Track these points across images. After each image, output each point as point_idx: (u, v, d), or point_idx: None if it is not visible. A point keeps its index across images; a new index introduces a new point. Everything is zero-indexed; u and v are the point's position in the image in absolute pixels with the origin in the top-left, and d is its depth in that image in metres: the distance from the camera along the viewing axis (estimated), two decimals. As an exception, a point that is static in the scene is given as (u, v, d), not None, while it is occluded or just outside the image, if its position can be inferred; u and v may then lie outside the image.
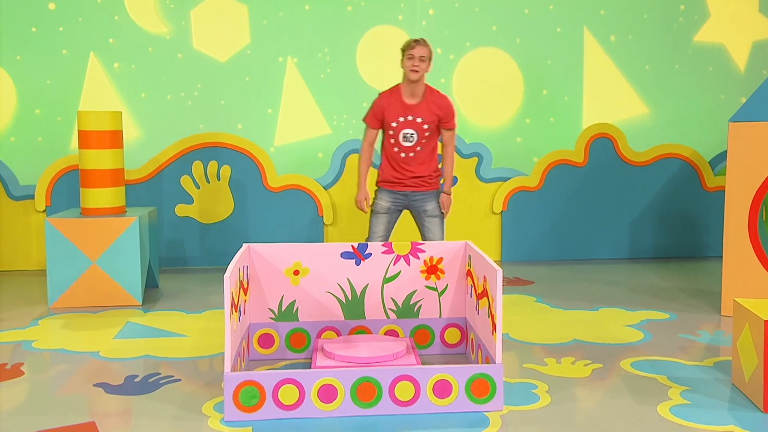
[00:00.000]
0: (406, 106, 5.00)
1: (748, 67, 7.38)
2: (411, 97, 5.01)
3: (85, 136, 5.67)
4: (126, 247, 5.57)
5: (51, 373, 4.23)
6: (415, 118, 4.99)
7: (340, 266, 4.36)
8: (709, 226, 7.23)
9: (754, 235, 5.18)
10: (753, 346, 3.73)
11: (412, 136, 5.01)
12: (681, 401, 3.74)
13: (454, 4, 7.08)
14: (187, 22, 6.92)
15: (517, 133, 7.16)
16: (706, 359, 4.38)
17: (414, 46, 4.90)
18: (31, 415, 3.60)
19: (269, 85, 7.03)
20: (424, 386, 3.54)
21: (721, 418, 3.55)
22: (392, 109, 5.02)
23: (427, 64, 4.94)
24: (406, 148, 5.04)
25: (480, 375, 3.57)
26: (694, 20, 7.28)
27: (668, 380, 4.03)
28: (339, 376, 3.52)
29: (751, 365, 3.75)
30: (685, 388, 3.91)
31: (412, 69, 4.90)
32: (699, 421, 3.51)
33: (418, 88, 5.00)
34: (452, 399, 3.55)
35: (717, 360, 4.37)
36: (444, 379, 3.55)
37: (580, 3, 7.13)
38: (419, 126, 5.00)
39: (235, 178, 6.91)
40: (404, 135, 5.01)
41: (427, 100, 5.01)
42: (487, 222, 7.16)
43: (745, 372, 3.82)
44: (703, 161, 7.26)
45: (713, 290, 5.90)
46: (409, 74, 4.93)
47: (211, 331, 4.97)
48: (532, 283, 6.31)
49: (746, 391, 3.81)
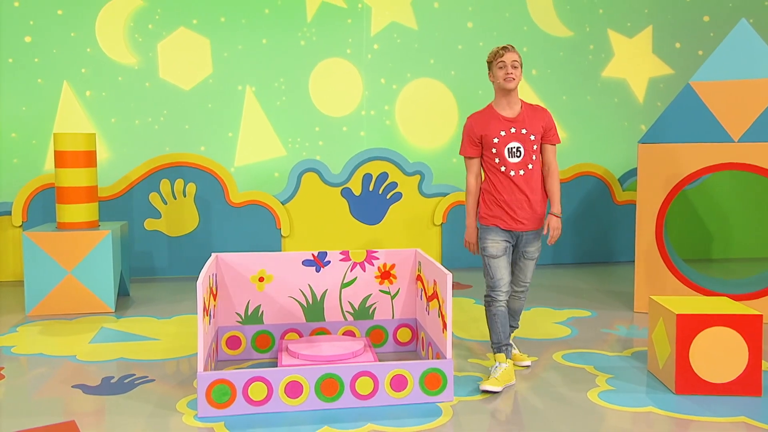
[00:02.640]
0: (506, 119, 3.84)
1: (645, 98, 7.55)
2: (508, 109, 3.87)
3: (61, 156, 5.45)
4: (100, 258, 5.37)
5: (30, 376, 4.01)
6: (519, 130, 3.82)
7: (302, 273, 4.27)
8: (619, 234, 7.37)
9: (661, 242, 5.27)
10: (666, 338, 3.77)
11: (518, 150, 3.81)
12: (607, 387, 3.76)
13: (396, 40, 7.07)
14: (154, 54, 6.74)
15: (452, 153, 7.16)
16: (624, 350, 4.43)
17: (503, 54, 3.81)
18: (13, 416, 3.41)
19: (229, 111, 6.89)
20: (382, 381, 3.47)
21: (641, 400, 3.59)
22: (490, 125, 3.84)
23: (520, 71, 3.86)
24: (513, 165, 3.81)
25: (432, 369, 3.52)
26: (602, 58, 7.42)
27: (595, 369, 4.06)
28: (304, 373, 3.43)
29: (665, 354, 3.80)
30: (609, 376, 3.94)
31: (506, 77, 3.78)
32: (623, 404, 3.54)
33: (514, 99, 3.87)
34: (407, 392, 3.50)
35: (634, 350, 4.41)
36: (400, 374, 3.49)
37: (505, 41, 7.14)
38: (525, 138, 3.82)
39: (200, 195, 6.74)
40: (509, 150, 3.81)
41: (527, 111, 3.89)
42: (429, 232, 7.14)
43: (659, 360, 3.87)
44: (613, 178, 7.40)
45: (626, 290, 5.99)
46: (504, 83, 3.79)
47: (180, 335, 4.80)
48: (470, 286, 6.30)
49: (660, 376, 3.86)
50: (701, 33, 7.56)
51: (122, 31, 6.66)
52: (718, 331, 3.64)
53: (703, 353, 3.64)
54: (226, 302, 4.24)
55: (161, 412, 3.46)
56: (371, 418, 3.34)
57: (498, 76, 3.80)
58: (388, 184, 7.00)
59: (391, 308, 4.38)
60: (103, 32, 6.63)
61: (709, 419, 3.35)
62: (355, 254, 4.30)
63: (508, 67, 3.77)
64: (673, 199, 5.19)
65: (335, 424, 3.27)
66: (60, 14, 6.54)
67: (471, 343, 4.59)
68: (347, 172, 6.94)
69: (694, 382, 3.65)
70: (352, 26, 7.00)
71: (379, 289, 4.35)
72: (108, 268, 5.39)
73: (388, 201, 7.02)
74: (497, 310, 3.84)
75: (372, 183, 6.98)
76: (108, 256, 5.39)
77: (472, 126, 3.89)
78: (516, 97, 3.88)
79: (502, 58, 3.78)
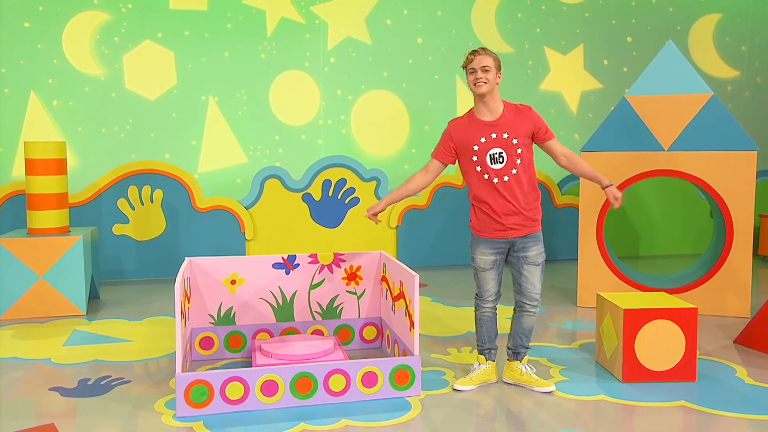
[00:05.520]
0: (487, 124, 3.47)
1: (578, 110, 7.66)
2: (488, 114, 3.48)
3: (32, 163, 5.18)
4: (71, 262, 5.13)
5: (5, 379, 3.79)
6: (500, 134, 3.44)
7: (272, 275, 4.15)
8: (559, 235, 7.44)
9: (601, 242, 5.33)
10: (614, 330, 3.80)
11: (501, 155, 3.44)
12: (561, 378, 3.77)
13: (352, 54, 6.99)
14: (120, 66, 6.49)
15: (405, 160, 7.12)
16: (573, 342, 4.45)
17: (472, 59, 3.43)
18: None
19: (193, 120, 6.69)
20: (354, 378, 3.40)
21: (593, 389, 3.61)
22: (470, 131, 3.48)
23: (495, 73, 3.43)
24: (496, 172, 3.45)
25: (401, 366, 3.46)
26: (539, 73, 7.50)
27: (548, 361, 4.06)
28: (279, 372, 3.33)
29: (612, 345, 3.83)
30: (562, 367, 3.95)
31: (476, 82, 3.41)
32: (578, 393, 3.55)
33: (493, 103, 3.47)
34: (378, 388, 3.43)
35: (581, 343, 4.44)
36: (371, 371, 3.42)
37: (452, 56, 7.18)
38: (507, 143, 3.44)
39: (167, 200, 6.51)
40: (491, 156, 3.44)
41: (509, 113, 3.49)
42: (385, 235, 7.07)
43: (607, 351, 3.89)
44: (553, 183, 7.47)
45: (568, 287, 6.03)
46: (474, 88, 3.42)
47: (153, 336, 4.62)
48: (426, 285, 6.26)
49: (608, 366, 3.89)
50: (626, 52, 7.72)
51: (89, 44, 6.40)
52: (659, 324, 3.69)
53: (646, 344, 3.69)
54: (199, 304, 4.09)
55: (140, 412, 3.31)
56: (345, 414, 3.25)
57: (469, 81, 3.47)
58: (346, 190, 6.91)
59: (358, 308, 4.30)
60: (70, 44, 6.36)
61: (654, 404, 3.39)
62: (323, 257, 4.21)
63: (478, 72, 3.40)
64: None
65: (311, 421, 3.18)
66: (27, 26, 6.24)
67: (431, 339, 4.55)
68: (308, 178, 6.82)
69: (639, 370, 3.69)
70: (310, 41, 6.89)
71: (346, 290, 4.26)
72: (79, 272, 5.16)
73: (346, 205, 6.93)
74: (482, 315, 3.73)
75: (331, 188, 6.88)
76: (79, 260, 5.15)
77: (450, 132, 3.55)
78: (495, 100, 3.47)
79: (471, 63, 3.43)
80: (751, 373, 3.82)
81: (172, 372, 3.85)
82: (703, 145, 5.06)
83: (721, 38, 7.90)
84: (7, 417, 3.25)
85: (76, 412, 3.34)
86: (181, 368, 3.27)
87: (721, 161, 5.04)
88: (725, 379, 3.73)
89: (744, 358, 4.10)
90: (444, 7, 7.20)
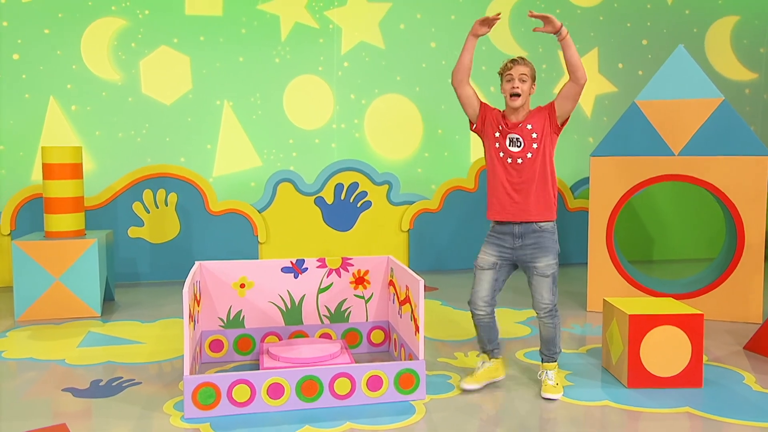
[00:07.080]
0: (510, 123, 3.54)
1: (593, 114, 7.65)
2: (514, 117, 3.54)
3: (49, 168, 5.29)
4: (86, 265, 5.22)
5: (21, 380, 3.88)
6: (524, 126, 3.51)
7: (281, 279, 4.21)
8: (571, 238, 7.41)
9: (611, 247, 5.32)
10: (620, 336, 3.80)
11: (518, 140, 3.48)
12: (567, 383, 3.77)
13: (365, 58, 7.05)
14: (137, 71, 6.61)
15: (418, 164, 7.15)
16: (580, 347, 4.45)
17: (511, 66, 3.47)
18: (4, 419, 3.29)
19: (208, 125, 6.79)
20: (359, 381, 3.43)
21: (598, 394, 3.61)
22: (495, 120, 3.57)
23: (530, 84, 3.47)
24: (513, 153, 3.50)
25: (406, 370, 3.49)
26: (553, 76, 7.49)
27: (554, 366, 4.06)
28: (285, 375, 3.37)
29: (618, 351, 3.83)
30: (568, 372, 3.95)
31: (512, 91, 3.45)
32: (583, 398, 3.56)
33: (523, 112, 3.53)
34: (383, 391, 3.46)
35: (589, 348, 4.44)
36: (376, 374, 3.45)
37: (466, 59, 7.21)
38: (527, 132, 3.49)
39: (181, 204, 6.61)
40: (510, 139, 3.50)
41: (532, 115, 3.53)
42: (397, 238, 7.10)
43: (613, 356, 3.89)
44: (566, 187, 7.46)
45: (578, 291, 6.01)
46: (510, 101, 3.48)
47: (165, 338, 4.69)
48: (437, 289, 6.28)
49: (613, 371, 3.89)
50: (641, 55, 7.69)
51: (106, 49, 6.52)
52: (665, 330, 3.68)
53: (652, 350, 3.68)
54: (209, 307, 4.15)
55: (150, 414, 3.37)
56: (349, 417, 3.29)
57: (505, 89, 3.49)
58: (358, 193, 6.96)
59: (365, 311, 4.33)
60: (88, 50, 6.49)
61: (658, 411, 3.38)
62: (331, 261, 4.26)
63: (515, 81, 3.44)
64: (622, 208, 5.25)
65: (315, 423, 3.22)
66: (47, 33, 6.38)
67: (439, 342, 4.57)
68: (320, 182, 6.88)
69: (644, 376, 3.69)
70: (324, 45, 6.96)
71: (354, 294, 4.30)
72: (94, 274, 5.25)
73: (358, 209, 6.98)
74: (477, 321, 3.68)
75: (344, 192, 6.93)
76: (94, 263, 5.25)
77: (486, 106, 3.61)
78: (526, 111, 3.53)
79: (510, 71, 3.46)
80: (759, 380, 3.80)
81: (181, 374, 3.91)
82: (714, 149, 5.03)
83: (738, 40, 7.84)
84: (20, 417, 3.33)
85: (87, 412, 3.41)
86: (189, 370, 3.34)
87: (732, 166, 5.01)
88: (732, 386, 3.72)
89: (753, 364, 4.08)
90: (457, 11, 7.23)
